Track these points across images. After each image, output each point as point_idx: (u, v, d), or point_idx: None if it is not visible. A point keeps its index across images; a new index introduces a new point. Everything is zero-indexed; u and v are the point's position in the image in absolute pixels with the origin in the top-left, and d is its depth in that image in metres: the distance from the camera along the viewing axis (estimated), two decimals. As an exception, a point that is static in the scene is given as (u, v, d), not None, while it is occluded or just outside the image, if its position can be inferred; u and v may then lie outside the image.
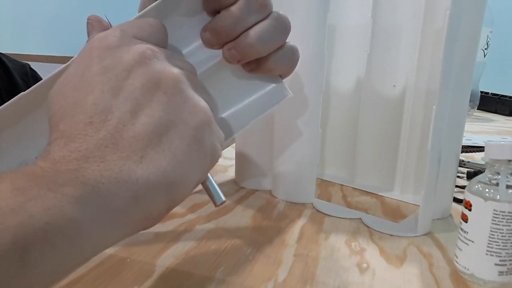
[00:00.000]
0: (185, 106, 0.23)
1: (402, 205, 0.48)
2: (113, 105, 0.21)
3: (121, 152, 0.21)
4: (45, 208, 0.18)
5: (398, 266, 0.34)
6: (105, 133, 0.21)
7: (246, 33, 0.28)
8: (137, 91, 0.22)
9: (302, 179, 0.47)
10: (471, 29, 0.40)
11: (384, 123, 0.51)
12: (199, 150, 0.23)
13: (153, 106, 0.22)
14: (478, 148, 0.74)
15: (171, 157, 0.22)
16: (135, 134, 0.21)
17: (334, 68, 0.54)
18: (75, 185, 0.19)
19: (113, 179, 0.20)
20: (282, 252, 0.36)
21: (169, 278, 0.31)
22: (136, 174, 0.21)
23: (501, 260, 0.31)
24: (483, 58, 1.09)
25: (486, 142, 0.32)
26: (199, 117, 0.23)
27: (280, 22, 0.29)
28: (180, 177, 0.23)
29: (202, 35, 0.29)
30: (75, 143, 0.20)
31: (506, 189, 0.30)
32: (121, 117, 0.21)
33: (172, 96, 0.22)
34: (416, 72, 0.47)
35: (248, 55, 0.29)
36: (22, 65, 0.60)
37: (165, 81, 0.23)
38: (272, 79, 0.32)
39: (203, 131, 0.23)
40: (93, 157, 0.20)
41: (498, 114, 1.25)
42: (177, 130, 0.22)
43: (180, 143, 0.22)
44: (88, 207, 0.19)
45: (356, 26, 0.52)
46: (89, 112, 0.21)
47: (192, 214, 0.43)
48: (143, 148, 0.21)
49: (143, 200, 0.21)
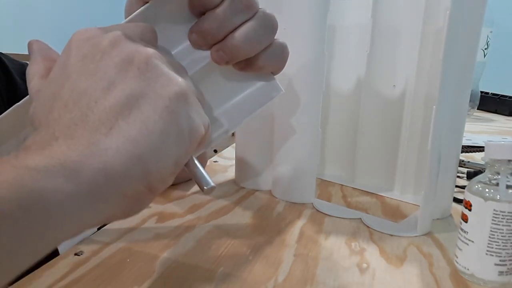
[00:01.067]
0: (159, 80, 0.23)
1: (402, 205, 0.48)
2: (87, 86, 0.22)
3: (91, 126, 0.21)
4: (14, 184, 0.17)
5: (398, 266, 0.34)
6: (76, 112, 0.21)
7: (232, 34, 0.28)
8: (111, 69, 0.22)
9: (302, 179, 0.47)
10: (471, 29, 0.40)
11: (384, 123, 0.51)
12: (174, 123, 0.22)
13: (126, 82, 0.22)
14: (478, 148, 0.74)
15: (141, 126, 0.21)
16: (105, 108, 0.21)
17: (334, 68, 0.54)
18: (43, 159, 0.19)
19: (80, 152, 0.20)
20: (282, 252, 0.36)
21: (169, 278, 0.31)
22: (105, 145, 0.20)
23: (501, 260, 0.31)
24: (483, 58, 1.09)
25: (486, 142, 0.32)
26: (173, 89, 0.23)
27: (266, 21, 0.29)
28: (152, 148, 0.22)
29: (189, 36, 0.29)
30: (48, 128, 0.21)
31: (506, 189, 0.30)
32: (94, 94, 0.22)
33: (146, 70, 0.23)
34: (416, 72, 0.47)
35: (235, 56, 0.29)
36: (21, 65, 0.60)
37: (139, 58, 0.23)
38: (263, 76, 0.32)
39: (177, 103, 0.23)
40: (63, 136, 0.20)
41: (498, 114, 1.25)
42: (149, 101, 0.22)
43: (153, 114, 0.22)
44: (53, 179, 0.19)
45: (356, 26, 0.52)
46: (65, 98, 0.22)
47: (192, 214, 0.43)
48: (113, 120, 0.21)
49: (114, 172, 0.20)
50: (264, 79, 0.32)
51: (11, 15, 2.50)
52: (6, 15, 2.50)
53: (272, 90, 0.32)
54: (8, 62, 0.57)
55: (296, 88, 0.45)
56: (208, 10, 0.28)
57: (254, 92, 0.32)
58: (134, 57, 0.23)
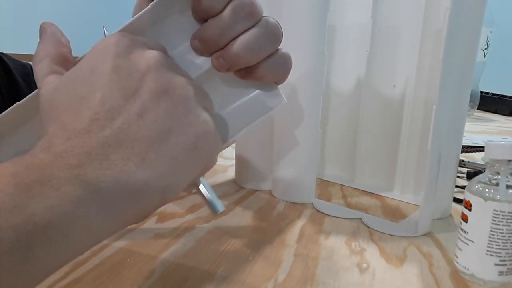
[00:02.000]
0: (189, 115, 0.24)
1: (402, 205, 0.48)
2: (121, 105, 0.22)
3: (124, 152, 0.21)
4: (47, 206, 0.18)
5: (398, 266, 0.34)
6: (109, 132, 0.21)
7: (233, 42, 0.28)
8: (146, 95, 0.22)
9: (302, 179, 0.47)
10: (471, 29, 0.40)
11: (384, 123, 0.51)
12: (197, 159, 0.24)
13: (159, 112, 0.22)
14: (478, 148, 0.74)
15: (170, 163, 0.23)
16: (138, 136, 0.22)
17: (334, 68, 0.54)
18: (77, 184, 0.20)
19: (114, 179, 0.21)
20: (282, 252, 0.36)
21: (169, 278, 0.31)
22: (136, 176, 0.21)
23: (501, 260, 0.31)
24: (483, 58, 1.09)
25: (486, 142, 0.32)
26: (201, 128, 0.24)
27: (269, 30, 0.28)
28: (176, 181, 0.23)
29: (192, 42, 0.29)
30: (78, 138, 0.21)
31: (506, 189, 0.30)
32: (128, 117, 0.22)
33: (178, 104, 0.23)
34: (416, 72, 0.47)
35: (236, 64, 0.29)
36: (23, 65, 0.60)
37: (173, 89, 0.23)
38: (266, 85, 0.32)
39: (203, 141, 0.24)
40: (96, 155, 0.20)
41: (498, 114, 1.25)
42: (178, 137, 0.23)
43: (180, 150, 0.23)
44: (88, 205, 0.20)
45: (356, 26, 0.52)
46: (96, 108, 0.21)
47: (192, 214, 0.43)
48: (145, 151, 0.22)
49: (139, 200, 0.22)
50: (266, 89, 0.32)
51: (11, 15, 2.50)
52: (6, 15, 2.50)
53: (274, 99, 0.32)
54: (10, 62, 0.57)
55: (296, 88, 0.45)
56: (210, 17, 0.28)
57: (255, 100, 0.32)
58: (169, 87, 0.23)
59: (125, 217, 0.22)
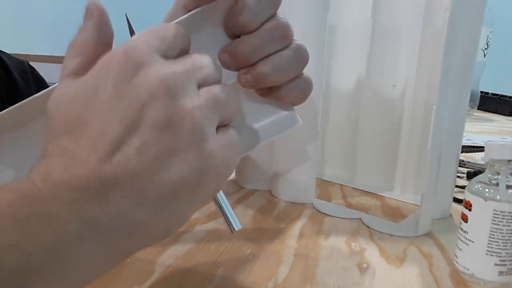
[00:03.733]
0: (192, 150, 0.21)
1: (402, 205, 0.48)
2: (120, 137, 0.20)
3: (122, 189, 0.20)
4: (44, 245, 0.18)
5: (398, 266, 0.34)
6: (108, 167, 0.20)
7: (263, 62, 0.28)
8: (147, 128, 0.20)
9: (302, 179, 0.47)
10: (471, 29, 0.40)
11: (384, 123, 0.51)
12: (200, 193, 0.23)
13: (160, 147, 0.21)
14: (478, 148, 0.74)
15: (172, 201, 0.21)
16: (138, 173, 0.20)
17: (334, 68, 0.54)
18: (76, 221, 0.19)
19: (113, 217, 0.20)
20: (282, 252, 0.36)
21: (169, 278, 0.31)
22: (136, 215, 0.20)
23: (501, 260, 0.31)
24: (483, 58, 1.09)
25: (486, 142, 0.32)
26: (204, 162, 0.22)
27: (298, 54, 0.29)
28: (179, 217, 0.23)
29: (220, 55, 0.29)
30: (77, 168, 0.20)
31: (506, 189, 0.30)
32: (127, 152, 0.20)
33: (180, 137, 0.21)
34: (416, 72, 0.47)
35: (262, 83, 0.29)
36: (20, 62, 0.60)
37: (176, 121, 0.21)
38: (283, 106, 0.32)
39: (207, 175, 0.22)
40: (94, 190, 0.19)
41: (498, 114, 1.25)
42: (180, 174, 0.21)
43: (182, 187, 0.21)
44: (87, 243, 0.19)
45: (356, 26, 0.52)
46: (95, 138, 0.20)
47: (192, 214, 0.43)
48: (144, 189, 0.20)
49: (140, 237, 0.22)
50: (284, 109, 0.32)
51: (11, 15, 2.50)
52: (6, 15, 2.50)
53: (290, 121, 0.32)
54: (7, 59, 0.57)
55: (296, 88, 0.44)
56: (243, 34, 0.28)
57: (271, 120, 0.32)
58: (172, 119, 0.21)
59: (126, 252, 0.22)
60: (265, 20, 0.27)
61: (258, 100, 0.31)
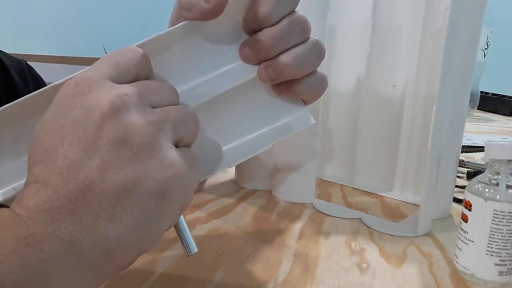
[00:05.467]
0: (152, 161, 0.22)
1: (402, 205, 0.48)
2: (80, 159, 0.21)
3: (91, 207, 0.21)
4: (23, 264, 0.18)
5: (398, 266, 0.34)
6: (74, 186, 0.21)
7: (284, 54, 0.29)
8: (104, 147, 0.21)
9: (302, 179, 0.47)
10: (471, 29, 0.40)
11: (384, 123, 0.51)
12: (169, 204, 0.23)
13: (120, 163, 0.22)
14: (478, 148, 0.74)
15: (139, 215, 0.22)
16: (103, 191, 0.21)
17: (334, 68, 0.54)
18: (52, 241, 0.19)
19: (87, 235, 0.20)
20: (282, 252, 0.36)
21: (169, 278, 0.31)
22: (107, 232, 0.21)
23: (501, 260, 0.31)
24: (483, 58, 1.09)
25: (486, 142, 0.32)
26: (167, 173, 0.23)
27: (317, 48, 0.30)
28: (149, 231, 0.23)
29: (242, 50, 0.30)
30: (47, 192, 0.20)
31: (506, 189, 0.30)
32: (89, 172, 0.21)
33: (139, 151, 0.22)
34: (416, 72, 0.47)
35: (283, 75, 0.30)
36: (18, 62, 0.60)
37: (131, 137, 0.22)
38: (296, 106, 0.32)
39: (172, 184, 0.23)
40: (65, 209, 0.20)
41: (498, 114, 1.25)
42: (144, 187, 0.22)
43: (148, 200, 0.22)
44: (64, 262, 0.20)
45: (356, 26, 0.52)
46: (59, 163, 0.21)
47: (192, 214, 0.43)
48: (111, 206, 0.21)
49: (115, 255, 0.22)
50: (297, 108, 0.32)
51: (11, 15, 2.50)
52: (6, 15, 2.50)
53: (304, 120, 0.32)
54: (5, 58, 0.57)
55: (296, 88, 0.44)
56: (262, 28, 0.29)
57: (286, 120, 0.32)
58: (127, 136, 0.22)
59: (104, 270, 0.22)
60: (285, 15, 0.29)
61: (272, 101, 0.32)
